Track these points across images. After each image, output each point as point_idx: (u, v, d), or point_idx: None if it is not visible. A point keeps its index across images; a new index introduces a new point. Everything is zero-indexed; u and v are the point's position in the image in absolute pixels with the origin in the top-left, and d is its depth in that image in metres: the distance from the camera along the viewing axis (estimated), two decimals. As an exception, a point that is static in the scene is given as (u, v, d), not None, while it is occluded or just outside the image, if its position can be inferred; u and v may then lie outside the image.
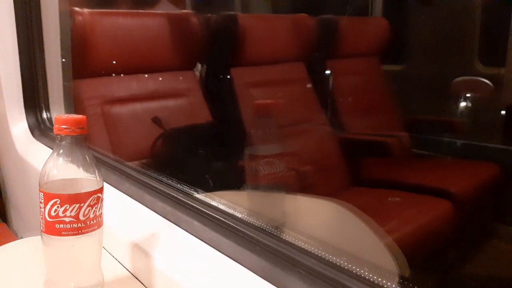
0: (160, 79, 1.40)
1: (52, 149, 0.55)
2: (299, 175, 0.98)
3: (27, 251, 0.76)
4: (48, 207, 0.53)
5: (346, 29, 1.60)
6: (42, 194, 0.54)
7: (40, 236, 0.55)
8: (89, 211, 0.54)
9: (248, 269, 0.54)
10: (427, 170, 1.44)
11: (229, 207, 0.67)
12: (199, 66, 1.50)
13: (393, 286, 0.47)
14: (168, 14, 1.48)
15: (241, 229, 0.60)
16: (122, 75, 1.34)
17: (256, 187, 0.77)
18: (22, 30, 1.26)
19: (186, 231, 0.65)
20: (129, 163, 0.99)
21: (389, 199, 1.31)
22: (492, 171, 1.34)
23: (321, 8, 1.58)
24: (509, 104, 1.27)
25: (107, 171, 0.90)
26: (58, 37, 1.27)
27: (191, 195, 0.73)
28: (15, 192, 1.49)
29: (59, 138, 0.54)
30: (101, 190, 0.56)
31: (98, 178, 0.56)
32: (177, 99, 1.41)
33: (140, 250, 0.64)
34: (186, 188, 0.75)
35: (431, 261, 1.07)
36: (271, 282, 0.51)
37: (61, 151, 0.54)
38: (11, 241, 0.81)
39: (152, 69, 1.39)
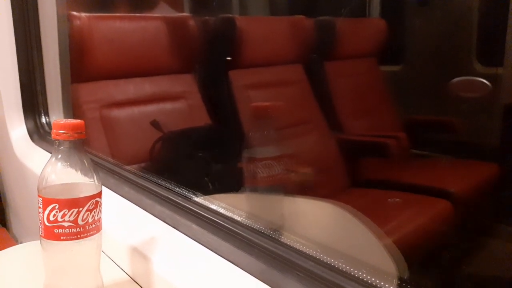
0: (159, 82, 1.41)
1: (51, 153, 0.55)
2: (298, 177, 0.98)
3: (27, 256, 0.76)
4: (46, 212, 0.53)
5: (344, 30, 1.60)
6: (41, 199, 0.54)
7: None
8: (87, 215, 0.54)
9: (247, 271, 0.54)
10: (426, 171, 1.44)
11: (227, 210, 0.67)
12: (197, 68, 1.50)
13: None
14: (166, 17, 1.49)
15: (240, 232, 0.60)
16: (120, 79, 1.35)
17: (254, 190, 0.77)
18: (20, 35, 1.27)
19: (185, 234, 0.65)
20: (128, 167, 0.99)
21: (389, 200, 1.31)
22: (491, 171, 1.34)
23: (319, 10, 1.58)
24: (507, 103, 1.27)
25: (106, 175, 0.90)
26: (56, 41, 1.28)
27: (190, 199, 0.73)
28: (14, 196, 1.49)
29: (57, 143, 0.54)
30: (99, 194, 0.56)
31: (96, 183, 0.56)
32: (175, 102, 1.42)
33: (139, 253, 0.64)
34: (184, 192, 0.75)
35: (431, 263, 1.07)
36: (269, 284, 0.51)
37: (60, 156, 0.54)
38: (11, 246, 0.81)
39: (150, 73, 1.39)
